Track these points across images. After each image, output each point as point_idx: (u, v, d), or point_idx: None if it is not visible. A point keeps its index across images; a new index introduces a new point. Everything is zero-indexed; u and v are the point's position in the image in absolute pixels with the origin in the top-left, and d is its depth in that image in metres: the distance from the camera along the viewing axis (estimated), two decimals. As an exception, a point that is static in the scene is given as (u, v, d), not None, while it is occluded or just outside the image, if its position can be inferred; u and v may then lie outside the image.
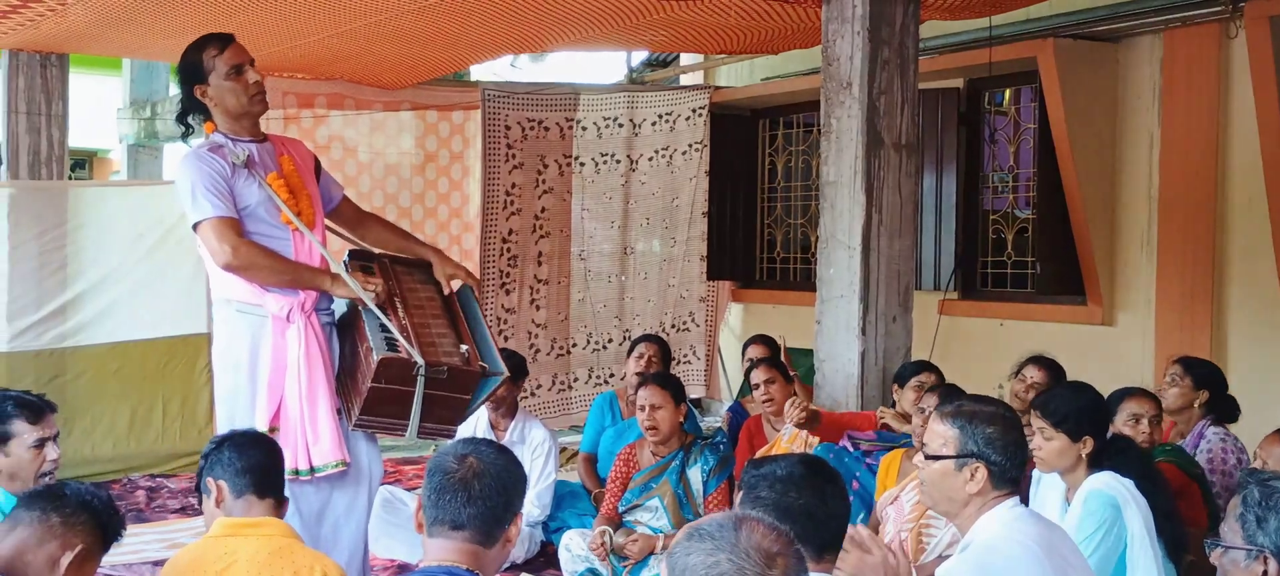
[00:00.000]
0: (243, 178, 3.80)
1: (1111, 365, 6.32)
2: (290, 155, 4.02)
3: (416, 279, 4.12)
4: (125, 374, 7.21)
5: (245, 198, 3.79)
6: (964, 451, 2.83)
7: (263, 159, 3.88)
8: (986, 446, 2.82)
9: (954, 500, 2.87)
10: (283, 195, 3.84)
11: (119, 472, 7.11)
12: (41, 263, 6.99)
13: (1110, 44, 6.62)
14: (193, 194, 3.73)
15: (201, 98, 3.86)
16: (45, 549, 2.58)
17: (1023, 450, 2.87)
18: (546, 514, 5.69)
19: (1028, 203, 7.17)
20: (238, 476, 3.06)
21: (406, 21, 6.01)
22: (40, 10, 5.87)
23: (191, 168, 3.75)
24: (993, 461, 2.81)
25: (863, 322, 5.04)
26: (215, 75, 3.83)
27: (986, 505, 2.86)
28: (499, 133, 7.88)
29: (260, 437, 3.31)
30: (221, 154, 3.80)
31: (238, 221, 3.76)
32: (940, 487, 2.90)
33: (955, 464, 2.84)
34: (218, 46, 3.86)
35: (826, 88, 5.15)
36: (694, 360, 8.69)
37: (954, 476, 2.84)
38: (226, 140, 3.86)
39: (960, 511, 2.89)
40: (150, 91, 10.96)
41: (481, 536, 2.39)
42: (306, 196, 3.97)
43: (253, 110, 3.89)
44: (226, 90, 3.84)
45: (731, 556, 1.69)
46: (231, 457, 3.08)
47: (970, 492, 2.83)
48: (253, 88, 3.87)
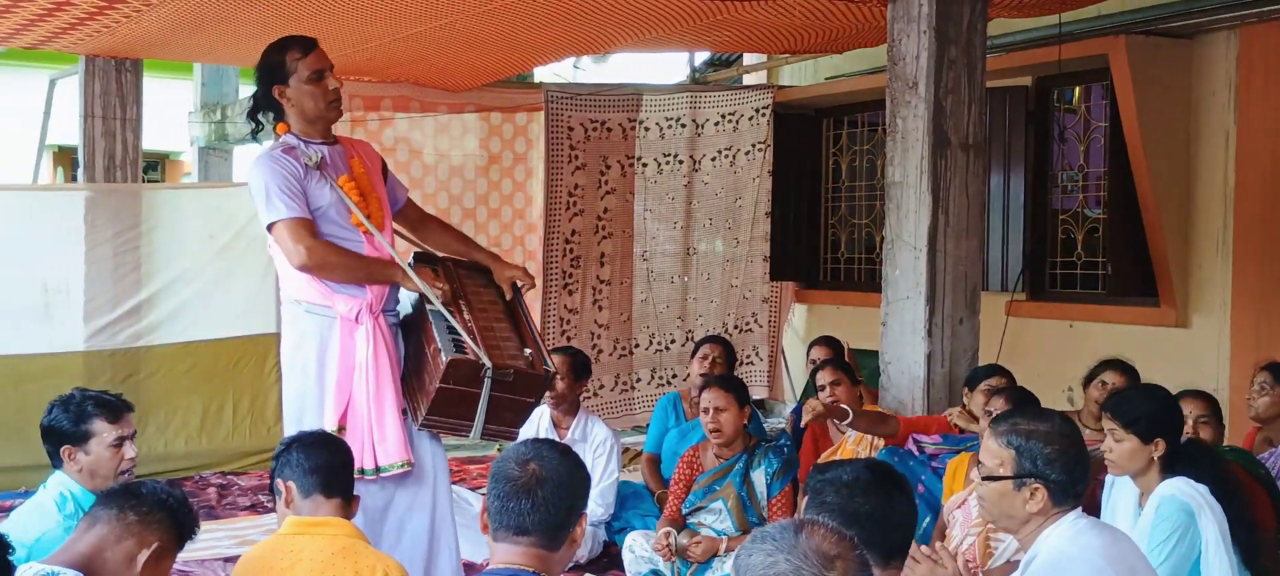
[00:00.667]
0: (315, 180, 3.85)
1: (1184, 368, 6.19)
2: (360, 158, 4.07)
3: (479, 282, 4.16)
4: (197, 373, 7.36)
5: (317, 199, 3.84)
6: (1022, 471, 2.78)
7: (334, 161, 3.93)
8: (1046, 466, 2.77)
9: (1014, 518, 2.83)
10: (354, 198, 3.88)
11: (191, 470, 7.25)
12: (117, 264, 7.15)
13: (1184, 40, 6.48)
14: (267, 195, 3.78)
15: (279, 97, 3.91)
16: (123, 546, 2.64)
17: (1084, 465, 2.81)
18: (610, 513, 5.70)
19: (1098, 202, 7.05)
20: (305, 476, 3.11)
21: (472, 25, 6.05)
22: (116, 17, 6.00)
23: (265, 169, 3.80)
24: (1052, 481, 2.77)
25: (929, 325, 4.98)
26: (296, 77, 3.88)
27: (1049, 521, 2.81)
28: (562, 134, 7.92)
29: (327, 438, 3.35)
30: (294, 155, 3.85)
31: (312, 222, 3.81)
32: (999, 506, 2.85)
33: (1014, 484, 2.79)
34: (301, 50, 3.91)
35: (892, 87, 5.10)
36: (757, 361, 8.66)
37: (1012, 496, 2.80)
38: (299, 142, 3.91)
39: (1022, 528, 2.85)
40: (220, 95, 11.14)
41: (546, 540, 2.40)
42: (376, 199, 4.01)
43: (329, 116, 3.95)
44: (306, 94, 3.89)
45: (789, 557, 1.71)
46: (299, 458, 3.13)
47: (1031, 511, 2.79)
48: (331, 94, 3.92)
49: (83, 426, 3.36)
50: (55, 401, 3.44)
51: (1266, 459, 4.37)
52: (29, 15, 5.93)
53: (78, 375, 6.88)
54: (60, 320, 7.02)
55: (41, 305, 6.98)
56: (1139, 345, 6.60)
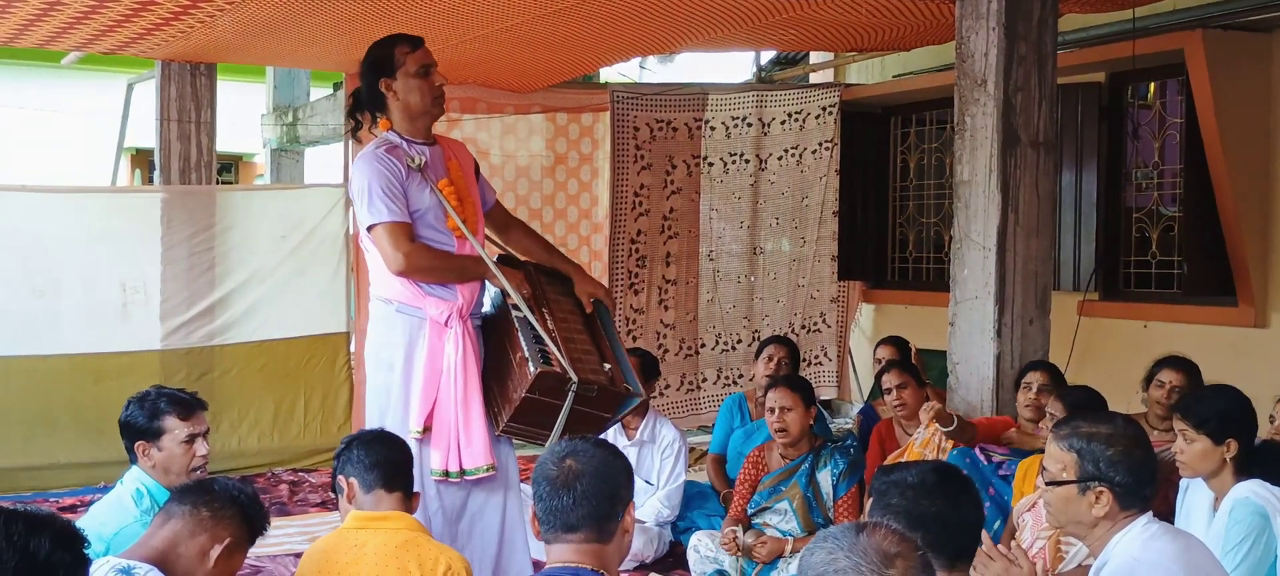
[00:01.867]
0: (416, 182, 3.88)
1: (1263, 369, 6.04)
2: (457, 160, 4.09)
3: (558, 291, 4.15)
4: (269, 371, 7.49)
5: (417, 202, 3.87)
6: (1085, 475, 2.75)
7: (434, 164, 3.96)
8: (1109, 468, 2.73)
9: (1081, 523, 2.80)
10: (452, 202, 3.91)
11: (263, 466, 7.39)
12: (192, 264, 7.31)
13: (1263, 34, 6.32)
14: (369, 196, 3.81)
15: (386, 90, 3.93)
16: (196, 541, 2.69)
17: (1150, 467, 2.76)
18: (676, 513, 5.71)
19: (1173, 200, 6.90)
20: (366, 472, 3.18)
21: (538, 26, 6.09)
22: (191, 23, 6.13)
23: (368, 169, 3.83)
24: (1117, 483, 2.72)
25: (998, 325, 4.92)
26: (403, 71, 3.92)
27: (1117, 525, 2.76)
28: (628, 134, 7.93)
29: (385, 435, 3.40)
30: (397, 155, 3.88)
31: (411, 226, 3.84)
32: (1066, 512, 2.81)
33: (1078, 488, 2.76)
34: (409, 45, 3.96)
35: (961, 85, 5.04)
36: (825, 361, 8.60)
37: (1078, 501, 2.76)
38: (402, 141, 3.93)
39: (1089, 533, 2.80)
40: (292, 97, 11.34)
41: (596, 533, 2.43)
42: (471, 203, 4.04)
43: (434, 111, 3.98)
44: (413, 88, 3.92)
45: (850, 555, 1.73)
46: (360, 455, 3.20)
47: (1097, 515, 2.75)
48: (437, 90, 3.96)
49: (156, 422, 3.44)
50: (131, 398, 3.52)
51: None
52: (108, 21, 6.07)
53: (154, 373, 7.04)
54: (138, 319, 7.19)
55: (120, 304, 7.16)
56: (1216, 345, 6.45)
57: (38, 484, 6.81)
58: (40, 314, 6.99)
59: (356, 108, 4.05)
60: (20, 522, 1.99)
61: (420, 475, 3.86)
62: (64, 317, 7.04)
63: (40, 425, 6.94)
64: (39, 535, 1.99)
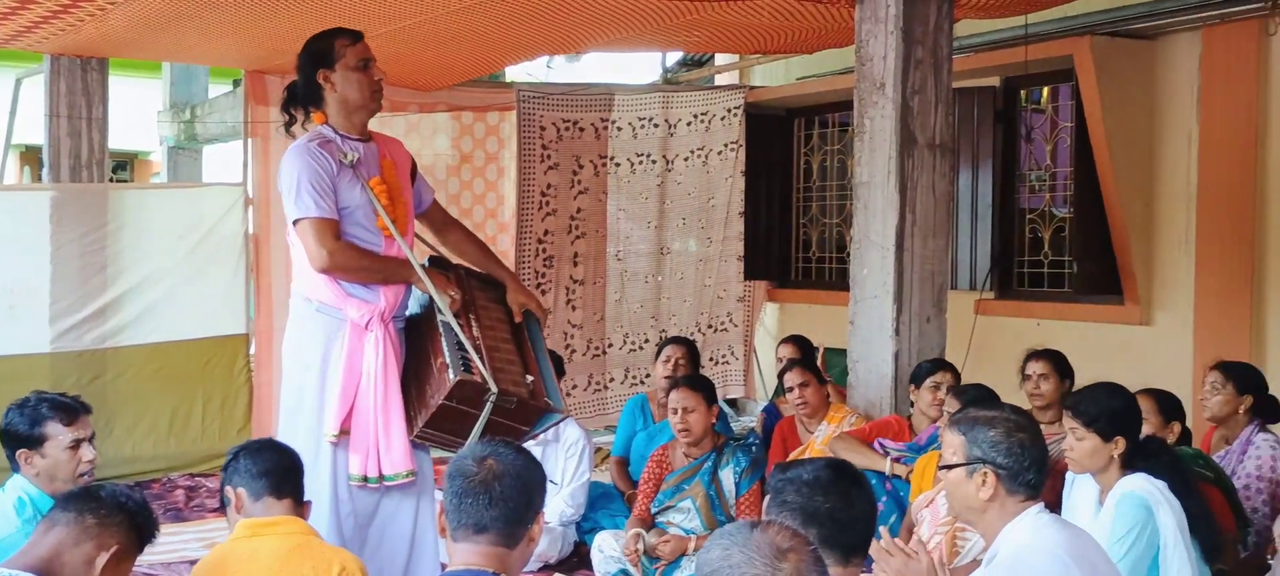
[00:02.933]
0: (347, 178, 3.82)
1: (1149, 365, 6.25)
2: (392, 158, 4.03)
3: (489, 297, 4.11)
4: (165, 374, 7.32)
5: (347, 198, 3.82)
6: (971, 458, 2.85)
7: (368, 160, 3.91)
8: (991, 450, 2.83)
9: (972, 508, 2.89)
10: (383, 200, 3.86)
11: (159, 472, 7.22)
12: (83, 264, 7.10)
13: (1148, 41, 6.54)
14: (297, 189, 3.75)
15: (324, 82, 3.87)
16: (81, 549, 2.62)
17: (1034, 452, 2.85)
18: (580, 513, 5.71)
19: (1065, 201, 7.11)
20: (255, 480, 3.14)
21: (443, 24, 6.04)
22: (81, 16, 5.96)
23: (299, 161, 3.77)
24: (1000, 465, 2.82)
25: (896, 323, 5.01)
26: (342, 63, 3.86)
27: (1007, 512, 2.85)
28: (534, 133, 7.91)
29: (273, 443, 3.35)
30: (330, 150, 3.82)
31: (337, 223, 3.78)
32: (957, 496, 2.92)
33: (966, 471, 2.86)
34: (350, 38, 3.90)
35: (860, 88, 5.13)
36: (732, 360, 8.68)
37: (966, 484, 2.86)
38: (336, 136, 3.87)
39: (980, 519, 2.89)
40: (189, 94, 11.09)
41: (504, 537, 2.41)
42: (403, 203, 3.99)
43: (371, 106, 3.93)
44: (352, 81, 3.87)
45: (742, 550, 1.77)
46: (247, 465, 3.17)
47: (984, 498, 2.84)
48: (376, 85, 3.90)
49: (38, 429, 3.34)
50: (11, 405, 3.42)
51: (1221, 458, 4.42)
52: (-7, 14, 5.88)
53: (44, 377, 6.82)
54: (26, 322, 6.97)
55: (6, 307, 6.93)
56: (1104, 343, 6.67)
57: (-81, 492, 6.56)
58: (-78, 316, 6.74)
59: (291, 101, 3.99)
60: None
61: (333, 478, 3.81)
62: (-53, 320, 6.80)
63: (-78, 431, 6.69)
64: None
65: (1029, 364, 4.94)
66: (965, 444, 2.86)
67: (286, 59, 7.13)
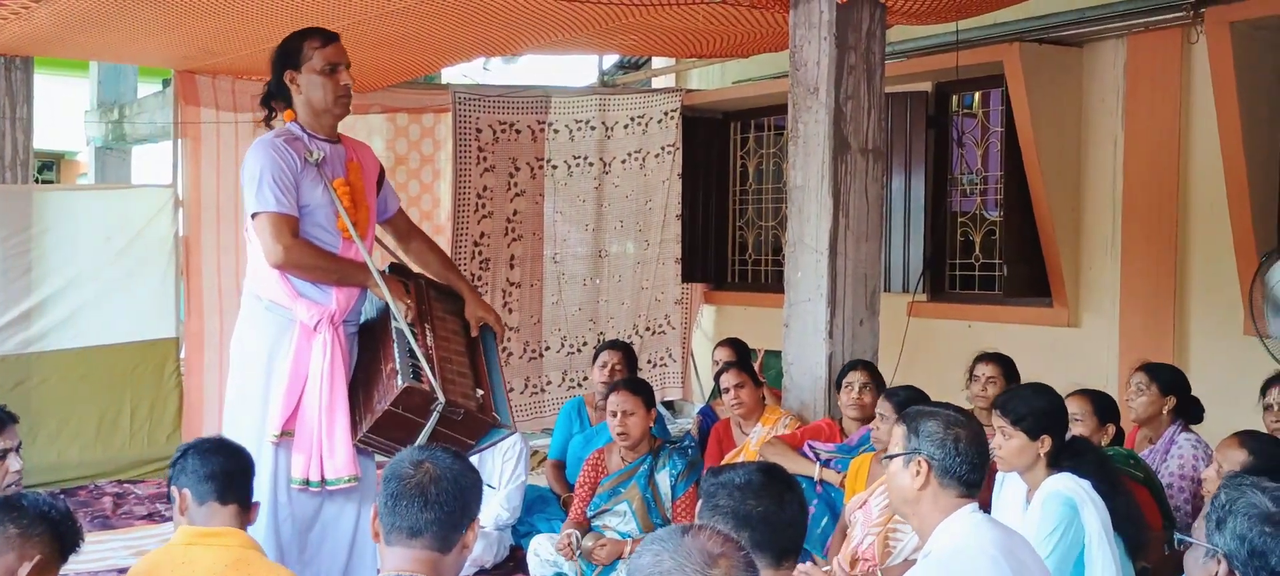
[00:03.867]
0: (311, 176, 3.80)
1: (1077, 366, 6.38)
2: (358, 162, 4.02)
3: (446, 308, 4.09)
4: (92, 379, 7.18)
5: (308, 196, 3.80)
6: (909, 448, 2.93)
7: (333, 161, 3.89)
8: (927, 441, 2.91)
9: (906, 498, 2.95)
10: (345, 203, 3.85)
11: (85, 479, 7.08)
12: (6, 267, 6.95)
13: (1075, 48, 6.68)
14: (259, 183, 3.73)
15: (290, 83, 3.86)
16: (3, 560, 2.57)
17: (969, 450, 2.90)
18: (516, 517, 5.70)
19: (996, 204, 7.23)
20: (201, 483, 3.06)
21: (378, 25, 5.99)
22: (4, 14, 5.83)
23: (264, 155, 3.75)
24: (933, 457, 2.89)
25: (830, 326, 5.06)
26: (309, 65, 3.85)
27: (940, 507, 2.90)
28: (470, 135, 7.87)
29: (224, 444, 3.28)
30: (296, 147, 3.81)
31: (296, 220, 3.76)
32: (895, 487, 2.99)
33: (903, 460, 2.94)
34: (321, 40, 3.88)
35: (794, 93, 5.18)
36: (670, 363, 8.70)
37: (902, 473, 2.94)
38: (303, 134, 3.85)
39: (914, 510, 2.95)
40: (118, 94, 10.88)
41: (439, 542, 2.39)
42: (365, 207, 3.98)
43: (335, 111, 3.91)
44: (316, 84, 3.85)
45: (674, 555, 1.78)
46: (195, 465, 3.08)
47: (917, 488, 2.91)
48: (341, 90, 3.88)
49: None
50: (-65, 413, 3.33)
51: (1147, 455, 4.52)
52: (-89, 11, 5.73)
53: (-35, 382, 6.68)
54: (-54, 326, 6.80)
55: (-74, 310, 6.76)
56: (1033, 344, 6.78)
57: None
58: None
59: (267, 96, 3.96)
60: None
61: (274, 479, 3.77)
62: None
63: None
64: None
65: (978, 366, 5.03)
66: (906, 434, 2.95)
67: (217, 59, 7.08)
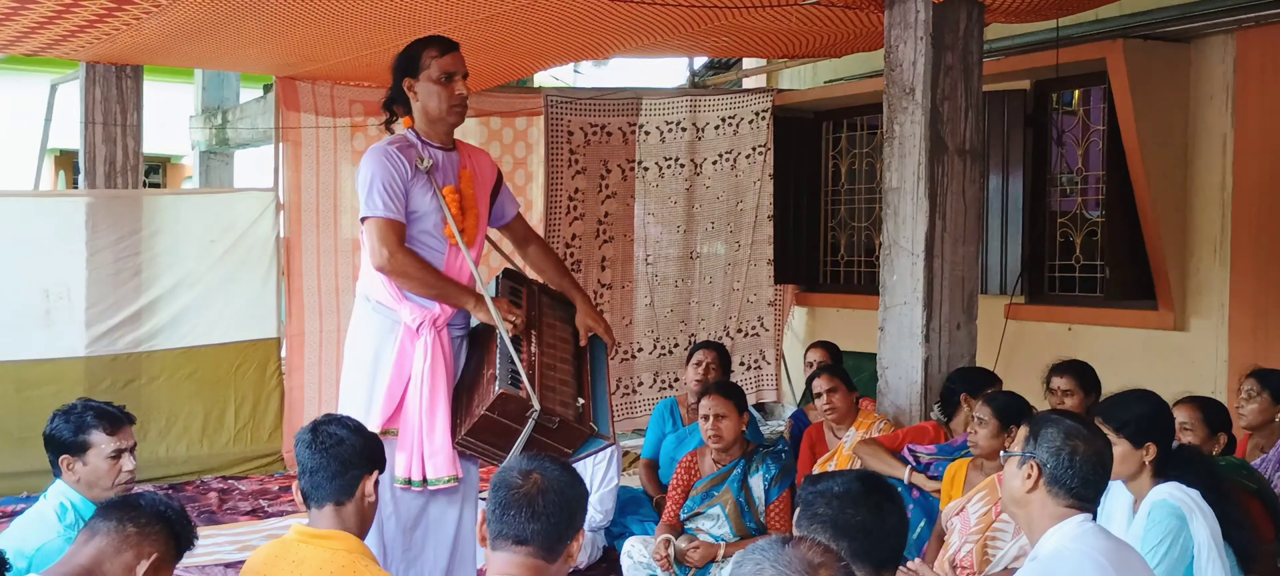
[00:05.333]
0: (421, 183, 3.88)
1: (1183, 372, 6.21)
2: (472, 169, 4.08)
3: (557, 316, 4.13)
4: (198, 378, 7.39)
5: (417, 203, 3.88)
6: (1025, 450, 2.90)
7: (445, 169, 3.96)
8: (1043, 447, 2.87)
9: (1016, 498, 2.93)
10: (453, 209, 3.91)
11: (192, 475, 7.29)
12: (118, 269, 7.19)
13: (1181, 44, 6.49)
14: (370, 188, 3.83)
15: (408, 90, 3.94)
16: (122, 557, 2.65)
17: (1085, 463, 2.84)
18: (609, 519, 5.72)
19: (1097, 205, 7.06)
20: (303, 482, 3.11)
21: (471, 31, 6.07)
22: (116, 25, 6.03)
23: (377, 162, 3.85)
24: (1045, 464, 2.85)
25: (926, 330, 5.00)
26: (426, 74, 3.92)
27: (1048, 513, 2.86)
28: (562, 138, 7.94)
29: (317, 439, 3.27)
30: (408, 155, 3.89)
31: (403, 227, 3.84)
32: (1007, 485, 2.97)
33: (1017, 460, 2.91)
34: (439, 49, 3.95)
35: (889, 93, 5.12)
36: (764, 365, 8.67)
37: (1016, 473, 2.91)
38: (417, 141, 3.94)
39: (1022, 512, 2.93)
40: (221, 99, 11.18)
41: (544, 551, 2.42)
42: (475, 215, 4.03)
43: (449, 119, 3.98)
44: (432, 92, 3.92)
45: (774, 564, 1.79)
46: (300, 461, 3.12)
47: (1026, 491, 2.88)
48: (456, 99, 3.95)
49: (81, 437, 3.38)
50: (57, 411, 3.45)
51: (1259, 465, 4.38)
52: (30, 22, 5.95)
53: (79, 381, 6.92)
54: (62, 326, 7.06)
55: (43, 311, 7.02)
56: (1137, 348, 6.62)
57: (-42, 495, 6.67)
58: (-40, 321, 6.83)
59: (390, 101, 4.05)
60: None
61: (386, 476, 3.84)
62: (-15, 324, 6.89)
63: (-39, 434, 6.80)
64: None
65: (1053, 378, 4.90)
66: (1026, 436, 2.92)
67: (316, 65, 7.24)
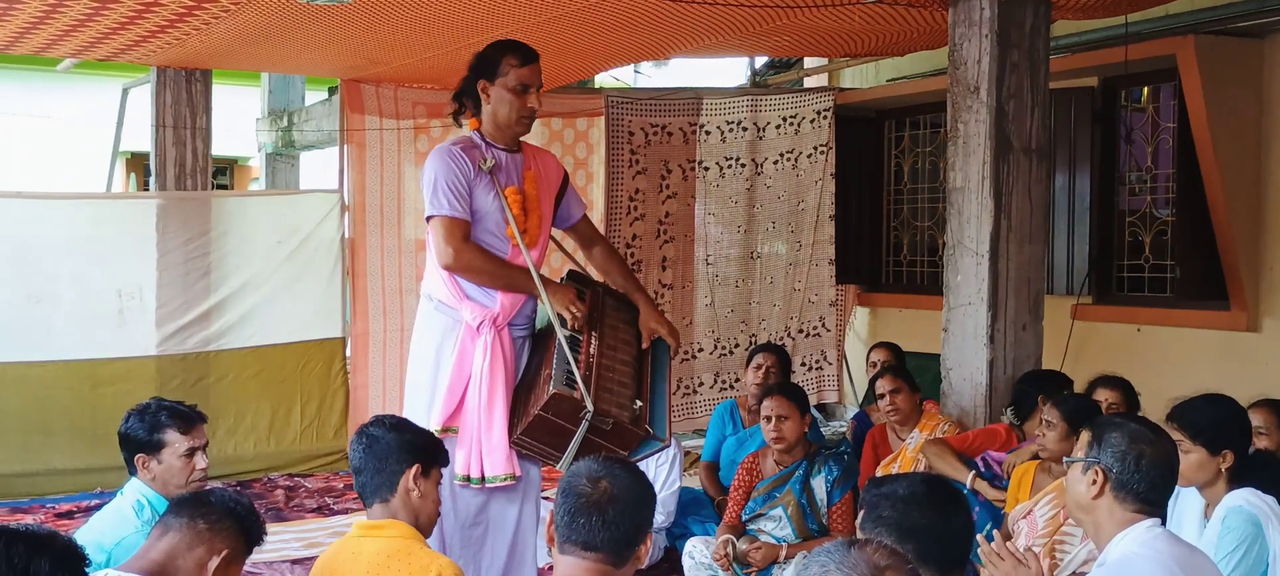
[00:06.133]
0: (484, 183, 3.92)
1: (1257, 374, 6.07)
2: (536, 171, 4.11)
3: (621, 318, 4.14)
4: (265, 377, 7.51)
5: (480, 202, 3.92)
6: (1090, 456, 2.86)
7: (508, 169, 4.00)
8: (1108, 452, 2.83)
9: (1081, 505, 2.89)
10: (515, 210, 3.95)
11: (259, 472, 7.41)
12: (187, 270, 7.32)
13: (1255, 40, 6.35)
14: (434, 188, 3.88)
15: (481, 92, 3.98)
16: (194, 553, 2.71)
17: (1153, 467, 2.80)
18: (671, 520, 5.72)
19: (1167, 203, 6.93)
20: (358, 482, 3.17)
21: (533, 32, 6.10)
22: (186, 30, 6.14)
23: (440, 162, 3.90)
24: (1111, 469, 2.82)
25: (991, 331, 4.95)
26: (502, 80, 3.95)
27: (1116, 519, 2.81)
28: (622, 138, 7.95)
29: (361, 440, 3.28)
30: (472, 155, 3.94)
31: (468, 224, 3.89)
32: (1071, 491, 2.93)
33: (1082, 466, 2.87)
34: (519, 58, 3.98)
35: (953, 92, 5.07)
36: (825, 365, 8.62)
37: (1080, 479, 2.87)
38: (481, 142, 3.99)
39: (1088, 518, 2.89)
40: (287, 102, 11.33)
41: (613, 557, 2.42)
42: (538, 216, 4.07)
43: (516, 128, 4.02)
44: (505, 100, 3.96)
45: (840, 567, 1.80)
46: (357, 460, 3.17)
47: (1091, 497, 2.84)
48: (527, 111, 3.98)
49: (156, 436, 3.45)
50: (132, 410, 3.53)
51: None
52: (103, 29, 6.08)
53: (150, 379, 7.06)
54: (133, 325, 7.20)
55: (115, 311, 7.17)
56: (1209, 349, 6.49)
57: (34, 490, 6.82)
58: (36, 320, 6.99)
59: (460, 93, 4.08)
60: (21, 544, 2.00)
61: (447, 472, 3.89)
62: (59, 324, 7.05)
63: (36, 431, 6.95)
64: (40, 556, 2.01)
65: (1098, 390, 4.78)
66: (1089, 442, 2.88)
67: (380, 68, 7.32)
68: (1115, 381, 4.83)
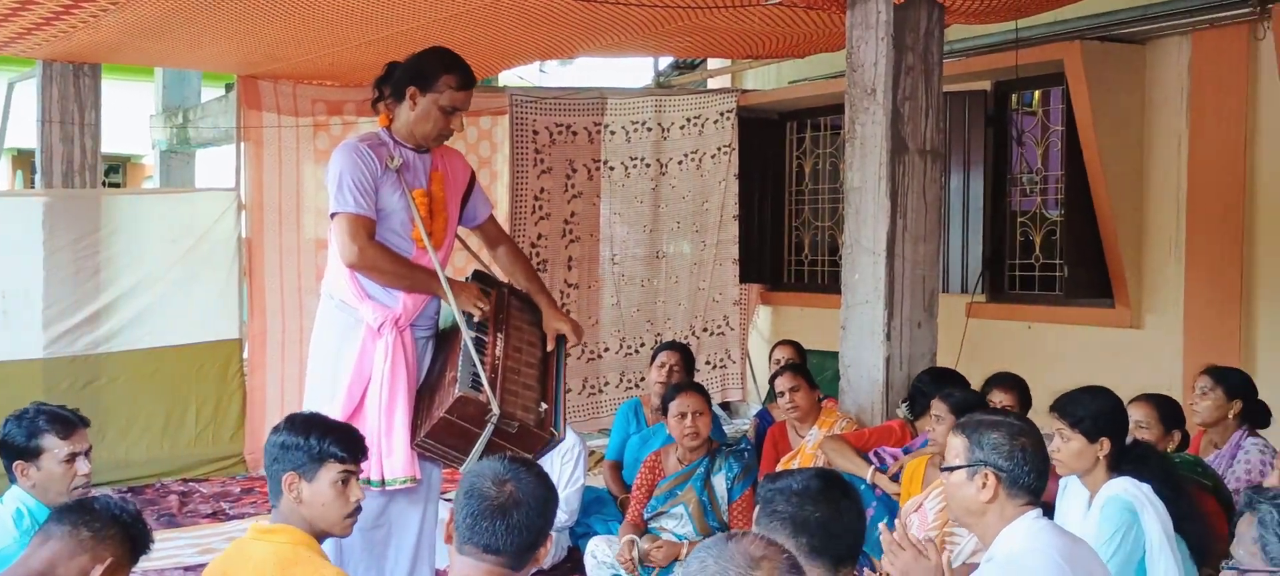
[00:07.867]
0: (391, 181, 3.88)
1: (1139, 369, 6.28)
2: (444, 171, 4.07)
3: (526, 319, 4.12)
4: (159, 379, 7.32)
5: (386, 201, 3.88)
6: (973, 460, 2.88)
7: (415, 169, 3.96)
8: (993, 453, 2.87)
9: (971, 510, 2.92)
10: (421, 211, 3.91)
11: (152, 477, 7.22)
12: (76, 270, 7.10)
13: (1138, 46, 6.57)
14: (340, 184, 3.82)
15: (408, 96, 3.91)
16: (76, 562, 2.63)
17: (1035, 457, 2.88)
18: (574, 519, 5.72)
19: (1056, 204, 7.14)
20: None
21: (435, 30, 6.05)
22: (72, 23, 5.96)
23: (347, 159, 3.85)
24: (1001, 468, 2.86)
25: (887, 328, 5.03)
26: (434, 96, 3.89)
27: (1006, 516, 2.88)
28: (527, 138, 7.93)
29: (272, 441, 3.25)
30: (379, 153, 3.88)
31: (372, 222, 3.84)
32: (957, 499, 2.95)
33: (966, 473, 2.90)
34: (457, 80, 3.91)
35: (851, 94, 5.15)
36: (730, 364, 8.69)
37: (967, 486, 2.90)
38: (389, 140, 3.93)
39: (979, 521, 2.92)
40: (182, 98, 11.08)
41: (513, 561, 2.41)
42: (444, 217, 4.03)
43: (429, 143, 3.98)
44: (430, 116, 3.90)
45: (717, 560, 1.83)
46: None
47: (983, 501, 2.88)
48: (448, 131, 3.95)
49: (34, 441, 3.35)
50: (10, 416, 3.42)
51: (1212, 461, 4.44)
52: (-15, 21, 5.88)
53: (36, 383, 6.83)
54: (19, 327, 6.96)
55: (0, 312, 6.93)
56: (1094, 346, 6.70)
57: (-88, 499, 6.57)
58: (-86, 321, 6.74)
59: (382, 80, 4.01)
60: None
61: None
62: (-61, 326, 6.80)
63: (-85, 437, 6.69)
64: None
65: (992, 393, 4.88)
66: (968, 446, 2.90)
67: (279, 64, 7.19)
68: (1011, 381, 4.94)
